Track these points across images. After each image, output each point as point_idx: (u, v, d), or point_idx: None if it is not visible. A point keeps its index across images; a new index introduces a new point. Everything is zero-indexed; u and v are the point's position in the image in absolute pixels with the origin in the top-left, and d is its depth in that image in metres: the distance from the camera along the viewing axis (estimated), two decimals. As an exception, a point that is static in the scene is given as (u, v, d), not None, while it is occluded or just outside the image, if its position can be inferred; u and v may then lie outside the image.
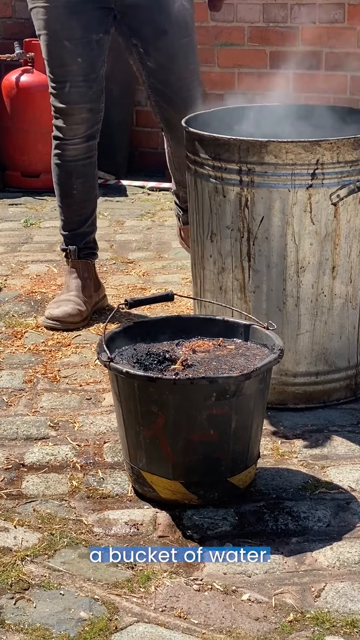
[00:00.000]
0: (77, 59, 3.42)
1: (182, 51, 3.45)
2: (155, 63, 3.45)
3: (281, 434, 2.80)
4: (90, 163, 3.59)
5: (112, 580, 2.18)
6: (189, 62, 3.48)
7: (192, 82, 3.50)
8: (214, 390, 2.33)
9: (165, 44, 3.42)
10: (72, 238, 3.66)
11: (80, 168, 3.57)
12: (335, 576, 2.19)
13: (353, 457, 2.67)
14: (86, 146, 3.56)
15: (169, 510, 2.41)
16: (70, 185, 3.59)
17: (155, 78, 3.48)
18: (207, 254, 2.93)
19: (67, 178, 3.59)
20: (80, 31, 3.40)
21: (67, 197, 3.61)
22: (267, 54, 5.52)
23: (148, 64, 3.47)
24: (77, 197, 3.60)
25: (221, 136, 2.80)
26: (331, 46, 5.33)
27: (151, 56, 3.44)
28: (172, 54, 3.43)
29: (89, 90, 3.47)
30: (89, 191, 3.61)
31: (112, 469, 2.62)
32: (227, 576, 2.20)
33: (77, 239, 3.66)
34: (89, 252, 3.70)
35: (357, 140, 2.76)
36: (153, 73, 3.48)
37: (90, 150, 3.58)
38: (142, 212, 5.11)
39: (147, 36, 3.42)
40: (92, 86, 3.47)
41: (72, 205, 3.62)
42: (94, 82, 3.47)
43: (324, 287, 2.85)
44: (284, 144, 2.72)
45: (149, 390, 2.35)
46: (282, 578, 2.19)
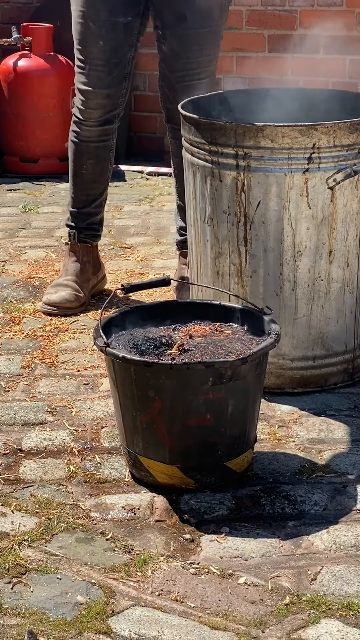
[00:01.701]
0: (99, 41, 3.37)
1: (198, 41, 3.36)
2: (169, 48, 3.40)
3: (278, 418, 2.81)
4: (104, 147, 3.58)
5: (109, 564, 2.19)
6: (204, 53, 3.40)
7: (198, 74, 3.42)
8: (211, 375, 2.33)
9: (182, 30, 3.35)
10: (77, 216, 3.68)
11: (92, 149, 3.57)
12: (331, 559, 2.20)
13: (350, 441, 2.68)
14: (101, 130, 3.53)
15: (166, 495, 2.42)
16: (80, 164, 3.60)
17: (166, 64, 3.44)
18: (204, 238, 2.93)
19: (78, 157, 3.60)
20: (105, 13, 3.34)
21: (76, 176, 3.63)
22: (266, 37, 5.50)
23: (163, 48, 3.42)
24: (86, 177, 3.62)
25: (217, 120, 2.80)
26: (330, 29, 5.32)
27: (167, 40, 3.39)
28: (187, 41, 3.36)
29: (108, 75, 3.42)
30: (99, 173, 3.62)
31: (110, 453, 2.63)
32: (224, 560, 2.20)
33: (81, 218, 3.68)
34: (91, 233, 3.70)
35: (354, 124, 2.76)
36: (165, 58, 3.43)
37: (104, 134, 3.55)
38: (141, 197, 5.11)
39: (166, 19, 3.36)
40: (112, 71, 3.41)
41: (81, 184, 3.64)
42: (116, 67, 3.41)
43: (320, 272, 2.85)
44: (280, 128, 2.72)
45: (145, 375, 2.35)
46: (278, 562, 2.20)
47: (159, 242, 4.36)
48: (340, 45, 5.22)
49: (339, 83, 5.17)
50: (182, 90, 3.37)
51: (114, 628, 1.99)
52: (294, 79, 5.33)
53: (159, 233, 4.49)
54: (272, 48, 5.48)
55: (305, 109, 3.20)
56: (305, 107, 3.21)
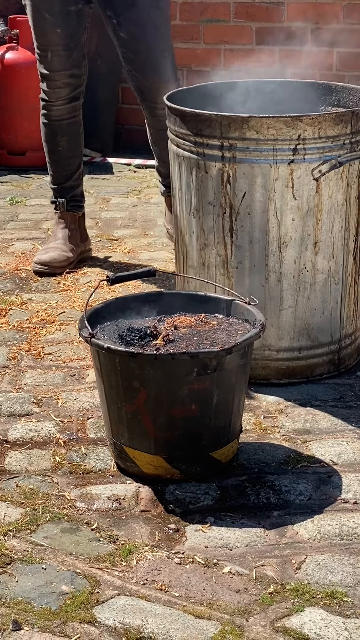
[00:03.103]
0: (56, 29, 3.70)
1: (151, 21, 3.68)
2: (127, 33, 3.70)
3: (264, 408, 2.82)
4: (75, 122, 3.87)
5: (94, 554, 2.19)
6: (159, 31, 3.72)
7: (161, 52, 3.74)
8: (195, 365, 2.34)
9: (135, 14, 3.66)
10: (59, 191, 3.96)
11: (65, 127, 3.85)
12: (315, 549, 2.21)
13: (335, 432, 2.69)
14: (69, 107, 3.82)
15: (151, 485, 2.43)
16: (56, 142, 3.88)
17: (127, 47, 3.74)
18: (189, 230, 2.94)
19: (53, 136, 3.88)
20: (58, 3, 3.68)
21: (53, 154, 3.91)
22: (253, 30, 5.50)
23: (121, 34, 3.72)
24: (62, 154, 3.89)
25: (202, 112, 2.80)
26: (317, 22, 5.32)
27: (122, 26, 3.69)
28: (141, 23, 3.66)
29: (69, 57, 3.73)
30: (74, 148, 3.90)
31: (95, 444, 2.64)
32: (209, 549, 2.21)
33: (64, 192, 3.95)
34: (75, 204, 3.98)
35: (339, 116, 2.76)
36: (125, 43, 3.72)
37: (73, 111, 3.84)
38: (128, 190, 5.11)
39: (118, 7, 3.67)
40: (72, 53, 3.72)
41: (59, 162, 3.92)
42: (75, 49, 3.74)
43: (306, 263, 2.85)
44: (265, 119, 2.72)
45: (130, 365, 2.36)
46: (263, 551, 2.21)
47: (146, 235, 4.36)
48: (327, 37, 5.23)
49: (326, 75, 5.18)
50: (151, 69, 3.71)
51: (98, 617, 2.00)
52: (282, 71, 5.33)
53: (146, 225, 4.49)
54: (259, 40, 5.48)
55: (292, 101, 3.21)
56: (292, 99, 3.22)
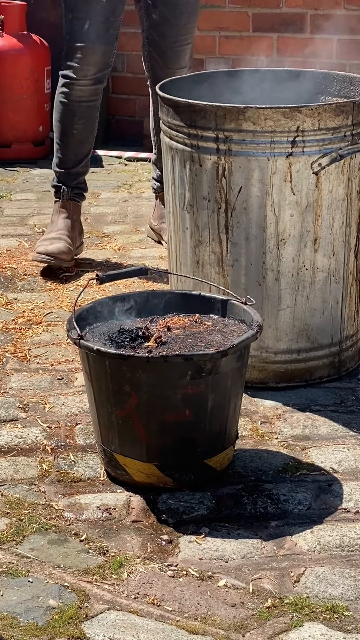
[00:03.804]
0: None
1: (187, 9, 3.83)
2: (160, 15, 3.82)
3: (261, 414, 2.82)
4: (94, 106, 3.85)
5: (83, 566, 2.20)
6: (190, 20, 3.87)
7: (187, 40, 3.89)
8: (189, 369, 2.34)
9: None
10: (65, 176, 3.93)
11: (83, 109, 3.82)
12: (315, 560, 2.22)
13: (336, 438, 2.70)
14: (93, 89, 3.81)
15: (143, 494, 2.43)
16: (71, 124, 3.85)
17: (155, 30, 3.85)
18: (183, 226, 2.94)
19: (69, 117, 3.84)
20: None
21: (66, 136, 3.87)
22: (250, 16, 5.51)
23: (153, 16, 3.84)
24: (76, 137, 3.87)
25: (196, 102, 2.81)
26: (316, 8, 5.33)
27: (158, 8, 3.81)
28: (178, 10, 3.80)
29: (105, 32, 3.72)
30: (88, 133, 3.88)
31: (84, 451, 2.64)
32: (203, 562, 2.21)
33: (70, 178, 3.93)
34: (79, 192, 3.96)
35: (340, 106, 2.77)
36: (155, 25, 3.85)
37: (96, 94, 3.83)
38: (119, 184, 5.11)
39: None
40: (109, 29, 3.72)
41: (71, 145, 3.88)
42: (112, 25, 3.74)
43: (305, 261, 2.86)
44: (262, 110, 2.73)
45: (121, 368, 2.36)
46: (260, 563, 2.21)
47: (137, 231, 4.37)
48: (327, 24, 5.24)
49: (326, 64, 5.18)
50: (174, 55, 3.80)
51: (87, 633, 2.00)
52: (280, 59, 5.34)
53: (138, 221, 4.50)
54: (256, 27, 5.48)
55: (290, 91, 3.21)
56: (290, 89, 3.22)
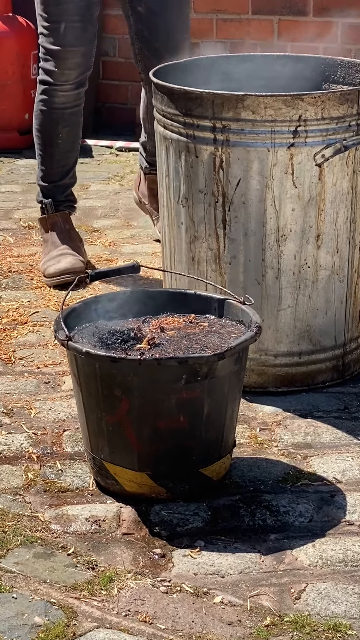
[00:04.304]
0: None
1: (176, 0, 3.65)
2: (146, 9, 3.66)
3: (260, 420, 2.83)
4: (78, 111, 3.75)
5: (71, 582, 2.20)
6: (182, 12, 3.68)
7: (181, 34, 3.66)
8: (184, 372, 2.34)
9: None
10: (52, 190, 3.81)
11: (67, 116, 3.71)
12: (317, 576, 2.22)
13: (339, 446, 2.70)
14: (76, 93, 3.70)
15: (134, 505, 2.43)
16: (55, 133, 3.73)
17: (144, 25, 3.65)
18: (177, 221, 2.94)
19: (52, 126, 3.72)
20: None
21: (50, 147, 3.75)
22: (249, -3, 5.52)
23: (138, 8, 3.69)
24: (61, 147, 3.75)
25: (193, 89, 2.81)
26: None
27: (142, 0, 3.64)
28: (165, 1, 3.63)
29: (83, 32, 3.61)
30: (74, 141, 3.77)
31: (72, 459, 2.64)
32: (198, 577, 2.22)
33: (58, 191, 3.82)
34: (69, 204, 3.86)
35: (344, 94, 2.77)
36: (142, 19, 3.66)
37: (79, 98, 3.72)
38: (109, 175, 5.11)
39: None
40: (87, 28, 3.61)
41: (55, 155, 3.76)
42: (89, 23, 3.63)
43: (307, 258, 2.86)
44: (262, 98, 2.73)
45: (111, 372, 2.36)
46: (258, 579, 2.22)
47: (129, 225, 4.37)
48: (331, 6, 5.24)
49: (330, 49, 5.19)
50: (167, 52, 3.57)
51: (75, 652, 2.01)
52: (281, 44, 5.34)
53: (130, 215, 4.50)
54: (256, 9, 5.48)
55: (292, 78, 3.22)
56: (292, 76, 3.22)
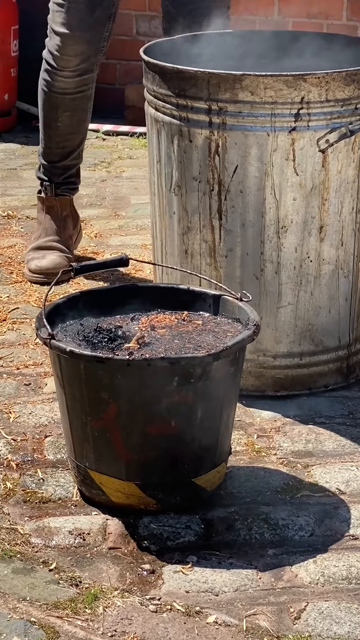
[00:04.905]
0: None
1: None
2: None
3: (257, 426, 2.83)
4: (82, 97, 3.67)
5: (52, 599, 2.20)
6: None
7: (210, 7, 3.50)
8: (176, 374, 2.34)
9: None
10: (50, 170, 3.78)
11: (68, 101, 3.65)
12: (318, 594, 2.22)
13: (343, 454, 2.70)
14: (78, 80, 3.61)
15: (121, 517, 2.43)
16: (54, 117, 3.68)
17: None
18: (169, 210, 2.94)
19: (51, 109, 3.68)
20: None
21: (49, 128, 3.71)
22: (248, -30, 5.52)
23: None
24: (61, 130, 3.71)
25: (186, 68, 2.81)
26: None
27: None
28: None
29: (90, 15, 3.49)
30: (77, 124, 3.72)
31: (54, 468, 2.64)
32: (190, 595, 2.22)
33: (56, 173, 3.78)
34: (69, 187, 3.82)
35: (350, 75, 2.77)
36: None
37: (82, 84, 3.63)
38: (96, 161, 5.11)
39: None
40: (94, 10, 3.48)
41: (55, 137, 3.73)
42: (99, 6, 3.49)
43: (309, 251, 2.86)
44: (262, 78, 2.73)
45: (97, 373, 2.36)
46: (255, 597, 2.22)
47: (116, 215, 4.37)
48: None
49: (334, 26, 5.19)
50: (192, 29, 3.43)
51: None
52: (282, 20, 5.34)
53: (117, 204, 4.51)
54: (255, -17, 5.48)
55: (294, 56, 3.21)
56: (294, 54, 3.22)
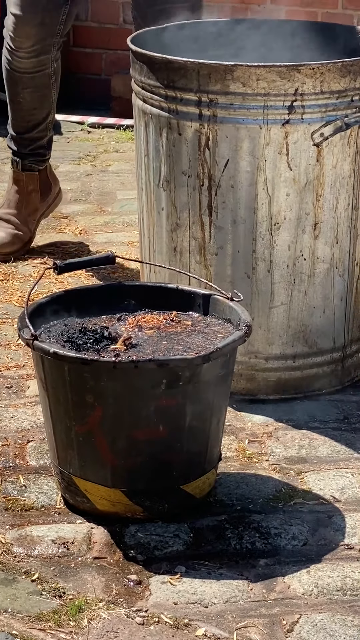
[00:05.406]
0: None
1: None
2: None
3: (249, 431, 2.84)
4: (42, 75, 3.72)
5: (35, 611, 2.20)
6: None
7: None
8: (164, 376, 2.35)
9: None
10: (17, 140, 3.86)
11: (27, 80, 3.72)
12: (312, 606, 2.23)
13: (337, 460, 2.71)
14: (35, 61, 3.67)
15: (107, 526, 2.44)
16: (15, 92, 3.76)
17: None
18: (157, 206, 2.95)
19: (12, 85, 3.75)
20: None
21: (13, 103, 3.80)
22: None
23: None
24: (24, 105, 3.78)
25: (176, 58, 2.81)
26: None
27: None
28: None
29: None
30: (40, 100, 3.78)
31: (37, 474, 2.64)
32: (178, 606, 2.22)
33: (24, 144, 3.85)
34: (36, 159, 3.88)
35: (346, 66, 2.79)
36: None
37: (40, 65, 3.69)
38: (81, 155, 5.11)
39: None
40: None
41: (19, 112, 3.81)
42: None
43: (303, 249, 2.88)
44: (254, 68, 2.74)
45: (82, 375, 2.37)
46: (246, 609, 2.22)
47: (102, 211, 4.37)
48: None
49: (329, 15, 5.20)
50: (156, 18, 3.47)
51: None
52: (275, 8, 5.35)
53: (103, 200, 4.50)
54: (247, -31, 5.49)
55: (288, 47, 3.22)
56: (288, 44, 3.23)
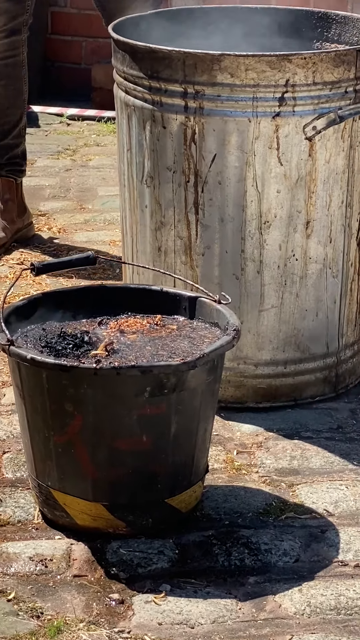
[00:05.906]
0: None
1: None
2: None
3: (237, 441, 2.83)
4: (15, 63, 3.75)
5: (11, 632, 2.19)
6: None
7: None
8: (148, 383, 2.35)
9: None
10: None
11: (0, 68, 3.72)
12: (304, 626, 2.23)
13: (331, 472, 2.71)
14: (7, 42, 3.70)
15: (87, 542, 2.44)
16: None
17: None
18: (141, 203, 2.95)
19: None
20: None
21: None
22: None
23: None
24: None
25: (160, 47, 2.81)
26: None
27: None
28: None
29: None
30: (13, 96, 3.78)
31: (13, 487, 2.64)
32: (163, 627, 2.22)
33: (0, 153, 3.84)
34: (13, 168, 3.89)
35: (340, 55, 2.79)
36: None
37: (13, 48, 3.72)
38: (59, 149, 5.11)
39: None
40: None
41: None
42: None
43: (294, 249, 2.88)
44: (242, 58, 2.74)
45: (61, 382, 2.36)
46: (234, 629, 2.22)
47: (82, 209, 4.37)
48: None
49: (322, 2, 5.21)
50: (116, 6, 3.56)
51: None
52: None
53: (83, 196, 4.50)
54: None
55: (278, 35, 3.23)
56: (278, 33, 3.23)
